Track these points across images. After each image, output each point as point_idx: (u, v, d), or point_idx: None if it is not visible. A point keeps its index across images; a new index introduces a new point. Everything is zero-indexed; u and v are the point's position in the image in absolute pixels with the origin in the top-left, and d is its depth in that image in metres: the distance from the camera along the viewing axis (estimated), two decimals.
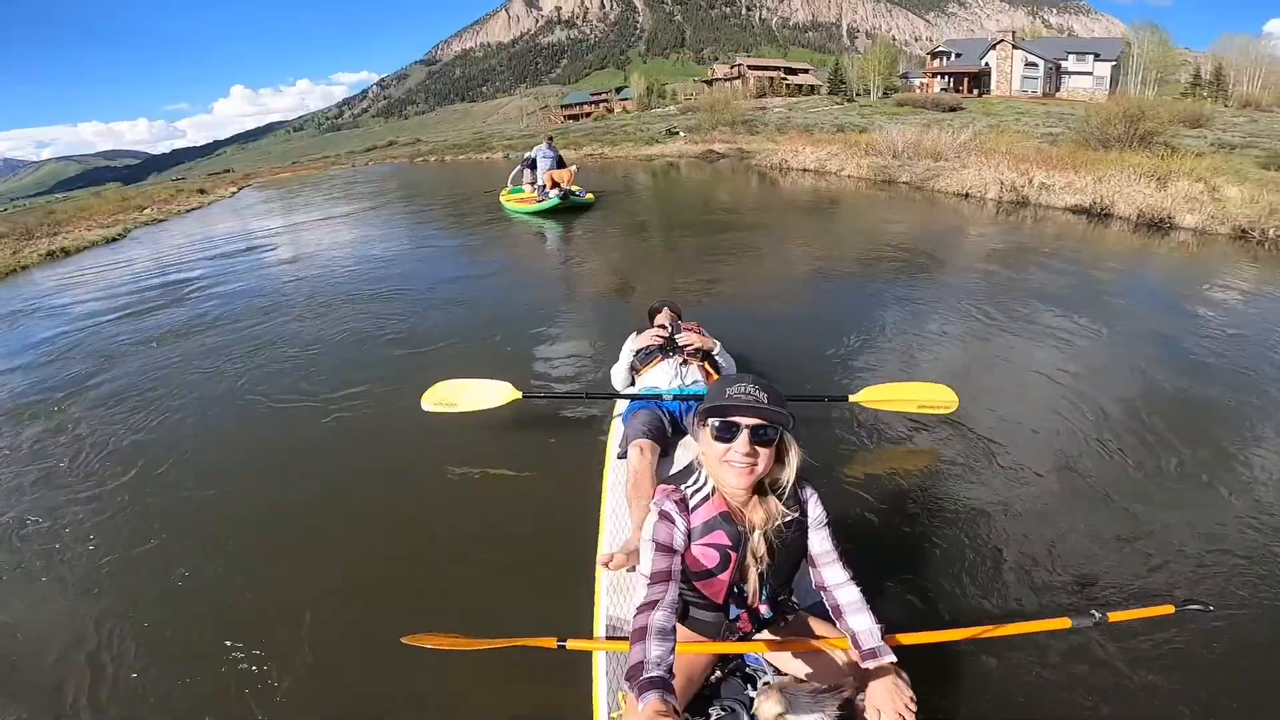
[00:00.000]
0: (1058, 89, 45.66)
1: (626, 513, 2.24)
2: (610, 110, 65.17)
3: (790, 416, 1.28)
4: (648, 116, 46.51)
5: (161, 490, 2.93)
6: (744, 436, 1.26)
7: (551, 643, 1.50)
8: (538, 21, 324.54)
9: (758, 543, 1.35)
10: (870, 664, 1.29)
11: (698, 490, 1.37)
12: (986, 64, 47.58)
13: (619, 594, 1.90)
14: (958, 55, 51.96)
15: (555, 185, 9.87)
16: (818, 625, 1.50)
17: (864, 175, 12.30)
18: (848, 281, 6.14)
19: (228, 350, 4.80)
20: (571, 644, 1.52)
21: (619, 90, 79.05)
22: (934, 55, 55.33)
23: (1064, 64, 46.53)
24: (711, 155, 20.54)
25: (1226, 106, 39.31)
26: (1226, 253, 6.76)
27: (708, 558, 1.36)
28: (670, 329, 3.02)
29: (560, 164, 10.51)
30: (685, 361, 2.88)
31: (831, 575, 1.39)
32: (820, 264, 6.85)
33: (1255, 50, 46.60)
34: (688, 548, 1.35)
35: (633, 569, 1.90)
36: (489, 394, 3.09)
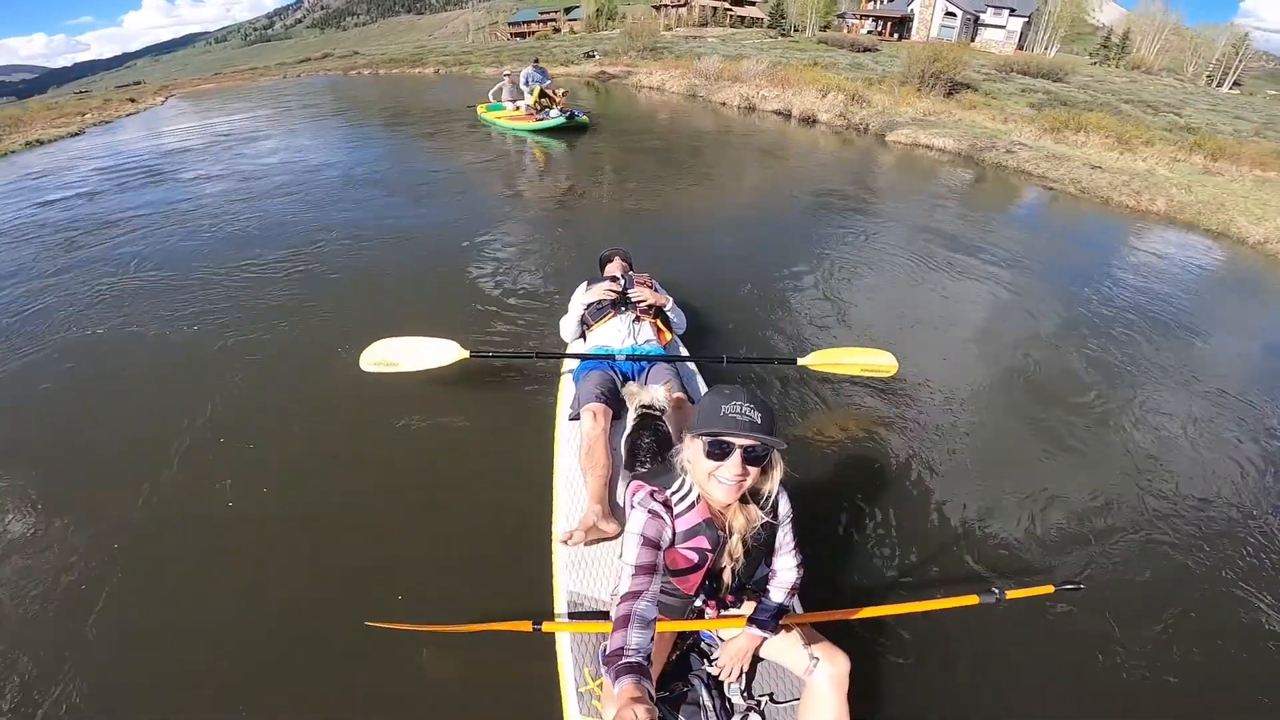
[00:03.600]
0: (973, 39, 49.47)
1: (581, 482, 2.22)
2: (557, 30, 65.53)
3: (781, 443, 1.33)
4: (587, 39, 48.06)
5: (70, 466, 2.75)
6: (736, 457, 1.32)
7: (527, 626, 1.58)
8: None
9: (735, 546, 1.46)
10: (749, 628, 1.55)
11: (683, 498, 1.44)
12: (911, 10, 50.66)
13: (577, 570, 1.92)
14: (889, 0, 55.17)
15: (552, 104, 10.63)
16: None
17: (680, 91, 16.39)
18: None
19: (124, 301, 4.42)
20: (547, 627, 1.59)
21: (569, 11, 78.74)
22: None
23: (983, 16, 50.16)
24: (603, 76, 23.83)
25: (1118, 67, 43.77)
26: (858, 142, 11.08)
27: (686, 560, 1.46)
28: (623, 282, 2.94)
29: (549, 93, 11.01)
30: (638, 319, 2.83)
31: (783, 562, 1.56)
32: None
33: (1160, 18, 51.19)
34: (670, 546, 1.44)
35: (590, 543, 2.00)
36: (434, 353, 2.99)
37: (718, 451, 1.32)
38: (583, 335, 2.97)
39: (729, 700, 1.60)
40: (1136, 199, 8.01)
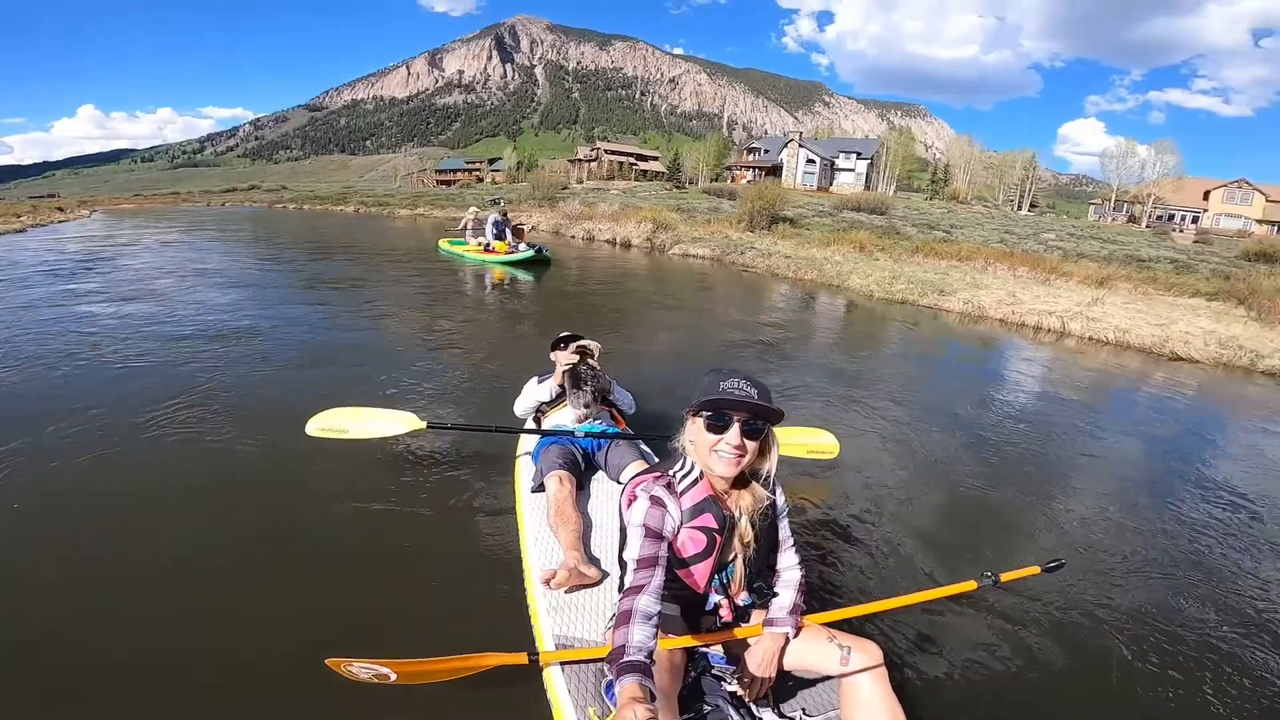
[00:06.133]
0: (831, 182, 58.89)
1: (553, 539, 2.27)
2: (479, 179, 73.20)
3: (780, 411, 1.42)
4: (505, 189, 54.52)
5: (26, 526, 2.67)
6: (735, 429, 1.40)
7: (523, 658, 1.51)
8: (437, 81, 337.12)
9: (745, 528, 1.50)
10: (767, 629, 1.55)
11: (686, 475, 1.50)
12: (782, 159, 60.12)
13: (562, 613, 1.89)
14: (765, 151, 65.84)
15: (520, 239, 12.59)
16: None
17: (548, 229, 21.33)
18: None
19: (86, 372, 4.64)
20: (546, 656, 1.54)
21: (492, 162, 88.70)
22: (748, 150, 69.83)
23: (837, 161, 60.40)
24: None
25: (938, 197, 52.32)
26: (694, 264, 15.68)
27: (695, 542, 1.48)
28: (582, 368, 3.00)
29: (514, 230, 12.98)
30: (593, 399, 2.95)
31: (785, 559, 1.63)
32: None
33: (969, 153, 61.62)
34: (675, 534, 1.46)
35: (574, 589, 1.99)
36: (387, 422, 3.05)
37: (719, 424, 1.41)
38: (537, 419, 3.10)
39: (759, 716, 1.54)
40: (796, 272, 13.09)
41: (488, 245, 12.70)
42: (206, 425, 3.77)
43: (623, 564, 1.50)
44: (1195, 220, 44.60)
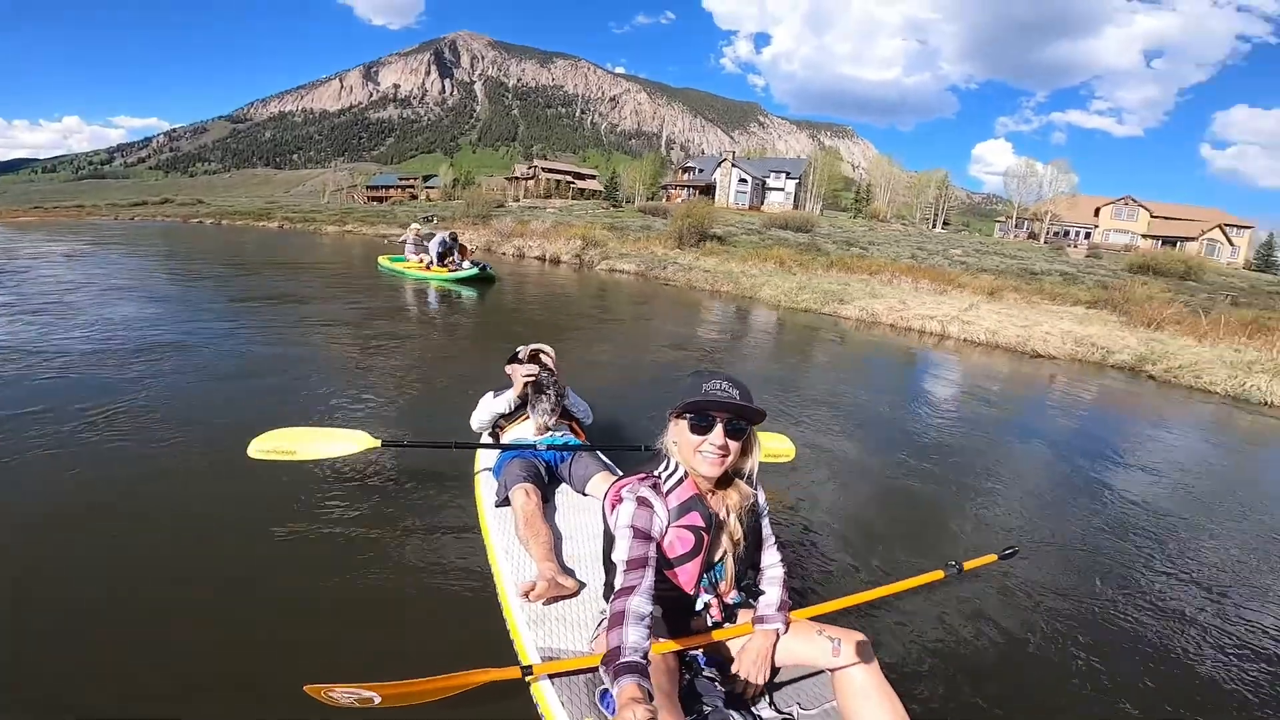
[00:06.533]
0: (763, 201, 60.32)
1: (524, 552, 2.24)
2: (413, 196, 72.31)
3: (761, 411, 1.46)
4: (440, 206, 53.05)
5: None
6: (719, 429, 1.44)
7: (515, 673, 1.47)
8: (372, 95, 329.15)
9: (734, 525, 1.54)
10: (758, 627, 1.58)
11: (671, 475, 1.53)
12: (715, 179, 61.60)
13: (544, 625, 1.87)
14: (700, 171, 67.52)
15: (464, 257, 12.62)
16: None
17: (480, 245, 21.51)
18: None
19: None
20: (539, 669, 1.49)
21: (427, 178, 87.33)
22: (683, 170, 71.66)
23: (768, 180, 62.10)
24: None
25: (860, 215, 55.09)
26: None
27: (683, 541, 1.50)
28: (543, 375, 3.01)
29: (459, 249, 12.96)
30: (554, 404, 2.94)
31: (768, 557, 1.67)
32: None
33: (889, 173, 64.73)
34: (663, 534, 1.48)
35: (553, 600, 1.97)
36: (339, 442, 2.92)
37: (702, 424, 1.44)
38: (495, 434, 3.09)
39: (758, 716, 1.56)
40: (713, 285, 14.03)
41: (431, 262, 12.76)
42: (135, 450, 3.45)
43: (608, 568, 1.54)
44: (1088, 236, 48.92)
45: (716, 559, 1.56)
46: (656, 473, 1.54)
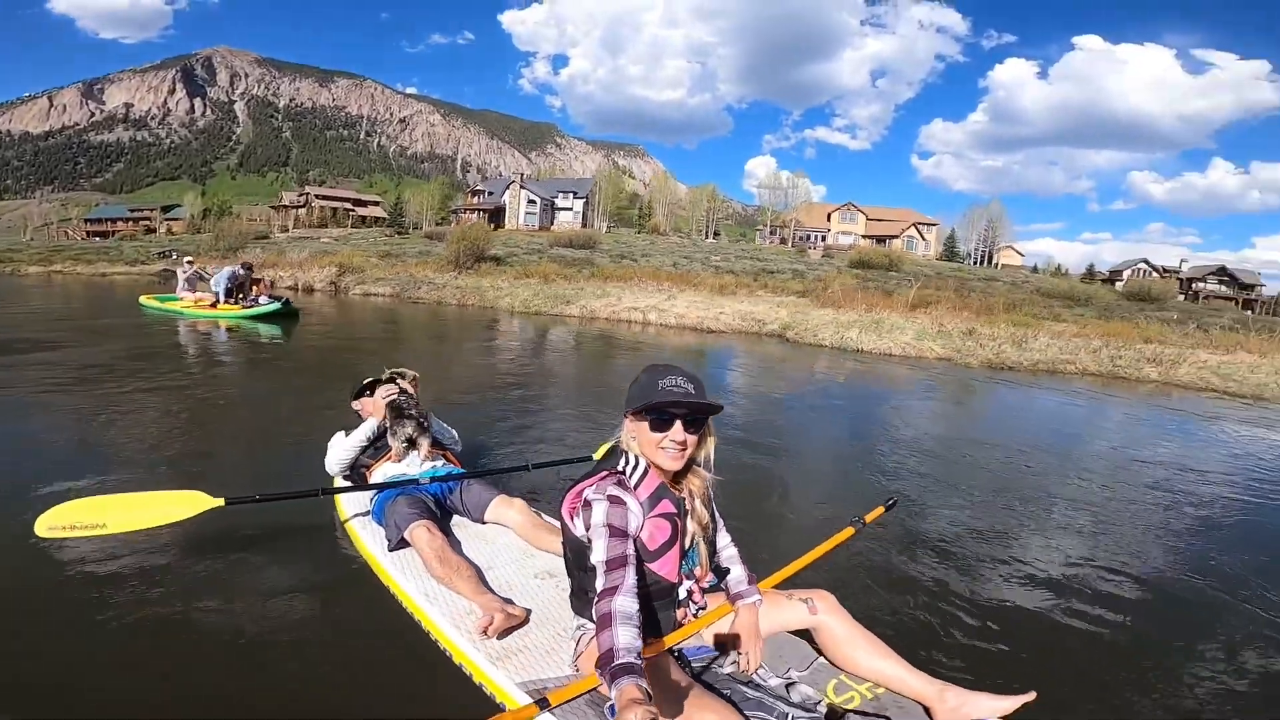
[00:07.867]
0: (553, 221, 61.24)
1: (447, 592, 2.11)
2: (150, 230, 63.04)
3: (718, 405, 1.50)
4: (186, 239, 46.85)
5: None
6: (678, 425, 1.47)
7: (533, 711, 1.32)
8: (92, 116, 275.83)
9: (700, 510, 1.60)
10: (739, 603, 1.65)
11: (634, 469, 1.53)
12: (505, 201, 61.81)
13: (511, 659, 1.80)
14: (490, 194, 66.51)
15: (259, 293, 11.67)
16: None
17: None
18: None
19: None
20: (554, 697, 1.40)
21: (168, 209, 76.28)
22: (474, 193, 70.82)
23: (557, 200, 63.66)
24: (165, 273, 26.08)
25: (643, 230, 58.19)
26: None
27: (660, 530, 1.51)
28: (402, 399, 2.89)
29: (254, 283, 12.09)
30: (418, 428, 2.82)
31: (722, 538, 1.75)
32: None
33: (668, 189, 71.60)
34: (640, 529, 1.48)
35: (506, 632, 1.91)
36: (166, 507, 2.42)
37: (662, 421, 1.47)
38: (362, 475, 2.85)
39: (766, 686, 1.60)
40: (461, 300, 15.27)
41: (217, 299, 11.62)
42: None
43: (574, 578, 1.58)
44: (823, 239, 58.81)
45: (688, 545, 1.60)
46: (620, 469, 1.53)
